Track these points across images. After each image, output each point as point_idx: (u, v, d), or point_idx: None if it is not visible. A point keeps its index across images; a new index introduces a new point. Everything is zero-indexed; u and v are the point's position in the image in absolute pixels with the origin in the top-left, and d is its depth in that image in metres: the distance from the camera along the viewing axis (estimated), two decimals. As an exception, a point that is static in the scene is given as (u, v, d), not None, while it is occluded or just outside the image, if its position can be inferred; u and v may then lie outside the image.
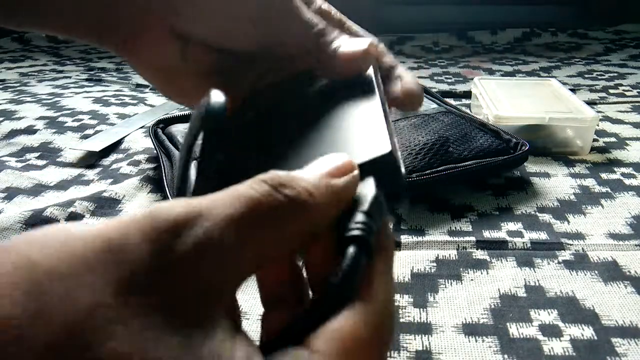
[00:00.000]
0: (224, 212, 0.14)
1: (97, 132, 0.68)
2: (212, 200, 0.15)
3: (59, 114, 0.74)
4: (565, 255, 0.41)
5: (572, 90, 0.82)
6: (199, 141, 0.20)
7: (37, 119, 0.72)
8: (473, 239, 0.43)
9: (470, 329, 0.33)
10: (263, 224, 0.15)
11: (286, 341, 0.14)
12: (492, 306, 0.35)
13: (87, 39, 0.29)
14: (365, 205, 0.17)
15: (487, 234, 0.43)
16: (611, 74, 0.95)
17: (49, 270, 0.12)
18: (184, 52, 0.29)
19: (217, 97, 0.19)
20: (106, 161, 0.60)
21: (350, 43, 0.27)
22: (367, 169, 0.18)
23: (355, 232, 0.16)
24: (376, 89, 0.24)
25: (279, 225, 0.15)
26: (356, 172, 0.18)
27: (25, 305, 0.11)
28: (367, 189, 0.17)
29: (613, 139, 0.63)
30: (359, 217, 0.16)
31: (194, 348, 0.13)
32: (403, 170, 0.19)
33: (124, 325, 0.12)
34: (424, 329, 0.33)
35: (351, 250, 0.15)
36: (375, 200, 0.17)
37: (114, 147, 0.63)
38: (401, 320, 0.34)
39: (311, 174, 0.17)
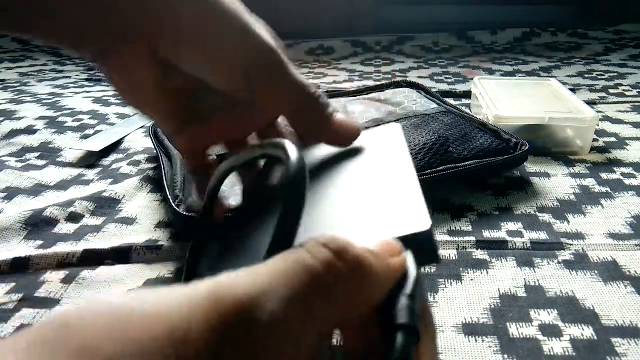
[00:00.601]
0: (286, 290, 0.14)
1: (97, 132, 0.68)
2: (273, 273, 0.14)
3: (59, 114, 0.74)
4: (565, 255, 0.41)
5: (572, 90, 0.82)
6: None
7: (37, 119, 0.72)
8: (473, 239, 0.43)
9: (470, 329, 0.33)
10: (325, 298, 0.15)
11: None
12: (492, 306, 0.35)
13: (66, 42, 0.27)
14: (408, 288, 0.17)
15: (487, 234, 0.43)
16: (611, 74, 0.95)
17: None
18: (163, 78, 0.28)
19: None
20: (106, 161, 0.60)
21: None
22: (405, 242, 0.18)
23: (403, 320, 0.16)
24: (408, 152, 0.24)
25: (341, 298, 0.15)
26: (404, 254, 0.18)
27: None
28: (408, 267, 0.17)
29: (613, 139, 0.63)
30: (404, 301, 0.16)
31: None
32: (438, 246, 0.19)
33: None
34: (424, 329, 0.33)
35: (401, 338, 0.16)
36: (416, 281, 0.17)
37: (114, 147, 0.63)
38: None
39: (369, 244, 0.17)
